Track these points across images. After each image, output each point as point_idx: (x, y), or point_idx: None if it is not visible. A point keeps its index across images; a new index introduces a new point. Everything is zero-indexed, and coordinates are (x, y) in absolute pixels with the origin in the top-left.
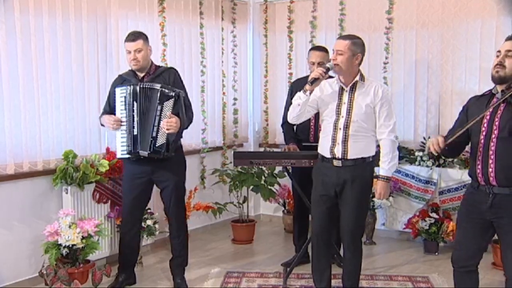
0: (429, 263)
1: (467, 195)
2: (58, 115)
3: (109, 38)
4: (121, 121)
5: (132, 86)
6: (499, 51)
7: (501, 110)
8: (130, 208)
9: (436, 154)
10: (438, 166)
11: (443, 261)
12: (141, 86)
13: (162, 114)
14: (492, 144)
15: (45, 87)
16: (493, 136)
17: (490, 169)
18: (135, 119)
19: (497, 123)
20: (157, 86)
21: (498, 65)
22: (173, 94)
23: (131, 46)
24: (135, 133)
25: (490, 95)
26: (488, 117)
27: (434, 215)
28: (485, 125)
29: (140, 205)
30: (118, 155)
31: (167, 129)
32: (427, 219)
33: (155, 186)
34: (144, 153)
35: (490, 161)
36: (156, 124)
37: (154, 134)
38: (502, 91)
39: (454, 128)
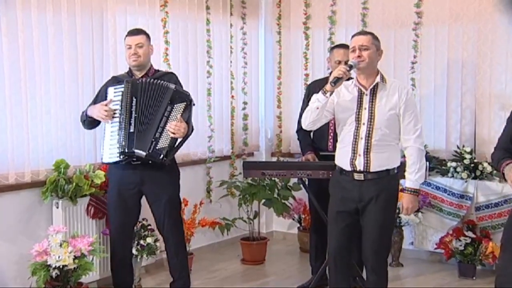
0: None
1: None
2: (48, 121)
3: (106, 35)
4: (114, 113)
5: (131, 82)
6: None
7: None
8: (120, 225)
9: None
10: (475, 178)
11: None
12: (148, 81)
13: (170, 116)
14: None
15: (34, 90)
16: None
17: None
18: (133, 115)
19: None
20: (172, 85)
21: None
22: (186, 98)
23: (132, 40)
24: (131, 130)
25: None
26: None
27: (470, 234)
28: None
29: (131, 221)
30: (105, 159)
31: (173, 133)
32: (462, 238)
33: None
34: (141, 153)
35: None
36: (162, 124)
37: (157, 135)
38: None
39: (501, 141)
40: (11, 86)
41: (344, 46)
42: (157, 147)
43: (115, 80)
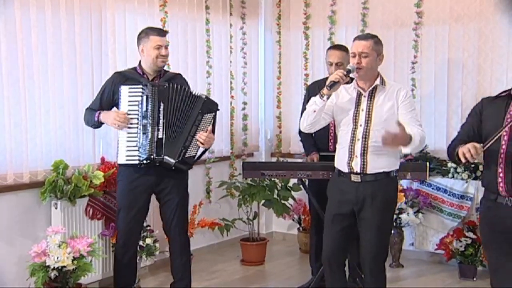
0: None
1: (485, 212)
2: (47, 121)
3: (105, 34)
4: (131, 121)
5: (157, 86)
6: None
7: None
8: (129, 226)
9: (472, 162)
10: (475, 178)
11: None
12: (178, 87)
13: (200, 126)
14: None
15: (33, 90)
16: None
17: None
18: (161, 120)
19: None
20: (203, 95)
21: None
22: (215, 109)
23: (162, 40)
24: (160, 136)
25: (507, 97)
26: (509, 120)
27: (470, 234)
28: (506, 128)
29: (140, 222)
30: (121, 161)
31: (202, 143)
32: (462, 239)
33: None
34: (170, 160)
35: None
36: (192, 133)
37: (187, 143)
38: None
39: (460, 134)
40: (9, 86)
41: (338, 48)
42: (186, 156)
43: (124, 77)
